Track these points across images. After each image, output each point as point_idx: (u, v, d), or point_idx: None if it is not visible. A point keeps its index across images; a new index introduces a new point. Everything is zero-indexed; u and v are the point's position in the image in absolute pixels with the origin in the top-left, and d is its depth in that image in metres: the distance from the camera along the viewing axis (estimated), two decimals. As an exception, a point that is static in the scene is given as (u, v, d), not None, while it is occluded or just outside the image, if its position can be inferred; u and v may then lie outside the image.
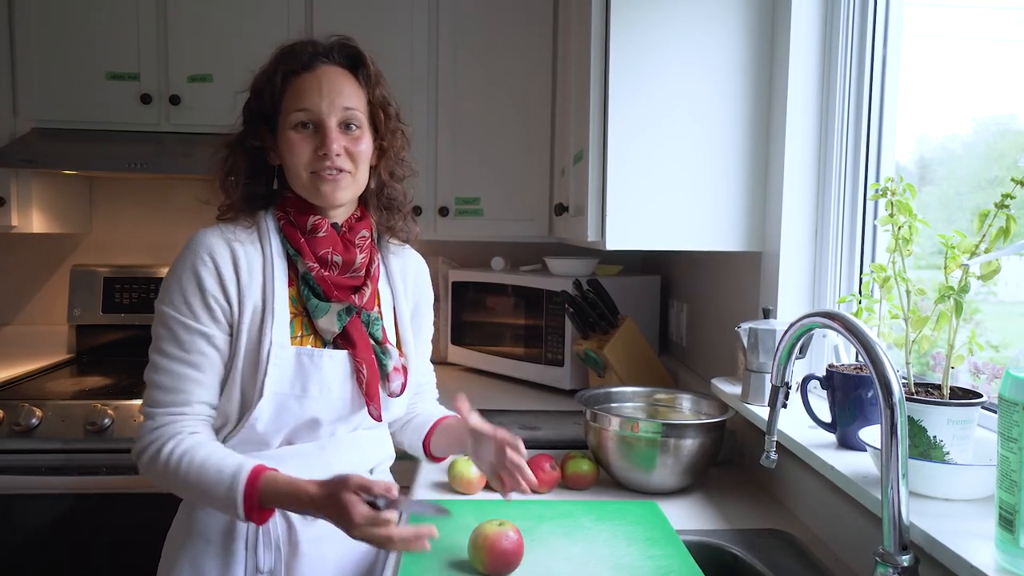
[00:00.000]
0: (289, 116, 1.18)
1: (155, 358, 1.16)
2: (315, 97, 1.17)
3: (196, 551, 1.20)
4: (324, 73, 1.18)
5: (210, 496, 1.10)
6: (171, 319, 1.15)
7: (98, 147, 2.32)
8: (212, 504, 1.12)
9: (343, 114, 1.18)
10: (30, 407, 1.99)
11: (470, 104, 2.46)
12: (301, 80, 1.18)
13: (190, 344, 1.15)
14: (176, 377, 1.14)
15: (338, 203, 1.21)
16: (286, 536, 1.20)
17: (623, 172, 1.62)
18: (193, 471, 1.10)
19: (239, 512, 1.08)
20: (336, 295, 1.20)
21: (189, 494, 1.14)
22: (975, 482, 0.99)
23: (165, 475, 1.12)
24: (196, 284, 1.15)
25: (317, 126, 1.17)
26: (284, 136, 1.18)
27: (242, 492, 1.07)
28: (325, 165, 1.17)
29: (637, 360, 2.05)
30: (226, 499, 1.08)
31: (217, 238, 1.18)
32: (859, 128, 1.46)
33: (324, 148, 1.16)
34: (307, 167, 1.18)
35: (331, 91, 1.17)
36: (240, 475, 1.08)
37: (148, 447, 1.14)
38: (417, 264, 1.40)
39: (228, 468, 1.09)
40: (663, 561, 1.14)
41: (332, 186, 1.18)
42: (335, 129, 1.17)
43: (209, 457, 1.11)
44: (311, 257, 1.20)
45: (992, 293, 1.03)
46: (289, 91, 1.18)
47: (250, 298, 1.17)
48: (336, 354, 1.20)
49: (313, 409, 1.19)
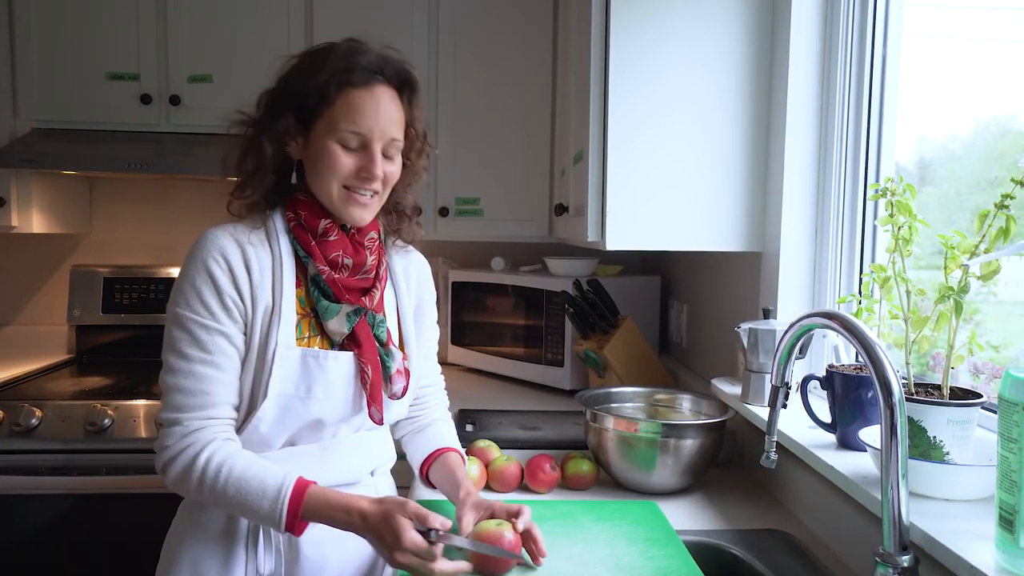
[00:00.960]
0: (337, 129, 1.15)
1: (174, 361, 1.13)
2: (369, 120, 1.15)
3: (196, 553, 1.19)
4: (379, 95, 1.17)
5: (250, 508, 1.08)
6: (189, 320, 1.13)
7: (98, 147, 2.32)
8: (249, 515, 1.10)
9: (388, 143, 1.19)
10: (30, 407, 1.99)
11: (470, 104, 2.46)
12: (356, 96, 1.15)
13: (211, 344, 1.13)
14: (200, 379, 1.12)
15: (362, 224, 1.22)
16: (287, 539, 1.20)
17: (623, 172, 1.62)
18: (232, 482, 1.08)
19: (280, 524, 1.07)
20: (347, 298, 1.20)
21: (224, 505, 1.11)
22: (975, 482, 0.99)
23: (200, 485, 1.09)
24: (212, 284, 1.14)
25: (363, 147, 1.17)
26: (323, 143, 1.16)
27: (287, 505, 1.07)
28: (362, 188, 1.18)
29: (637, 360, 2.05)
30: (269, 511, 1.07)
31: (227, 238, 1.17)
32: (859, 128, 1.46)
33: (367, 172, 1.17)
34: (342, 181, 1.17)
35: (384, 118, 1.17)
36: (285, 488, 1.08)
37: (180, 455, 1.11)
38: (420, 264, 1.40)
39: (272, 480, 1.08)
40: (663, 561, 1.14)
41: (361, 209, 1.19)
42: (379, 154, 1.18)
43: (249, 468, 1.10)
44: (322, 260, 1.19)
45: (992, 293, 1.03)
46: (341, 103, 1.15)
47: (262, 298, 1.16)
48: (341, 356, 1.20)
49: (317, 411, 1.19)
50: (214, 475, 1.09)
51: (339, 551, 1.23)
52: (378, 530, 1.04)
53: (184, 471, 1.10)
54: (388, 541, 1.03)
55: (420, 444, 1.38)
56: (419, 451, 1.37)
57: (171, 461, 1.11)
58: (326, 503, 1.08)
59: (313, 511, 1.08)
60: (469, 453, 1.54)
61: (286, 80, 1.20)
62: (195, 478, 1.10)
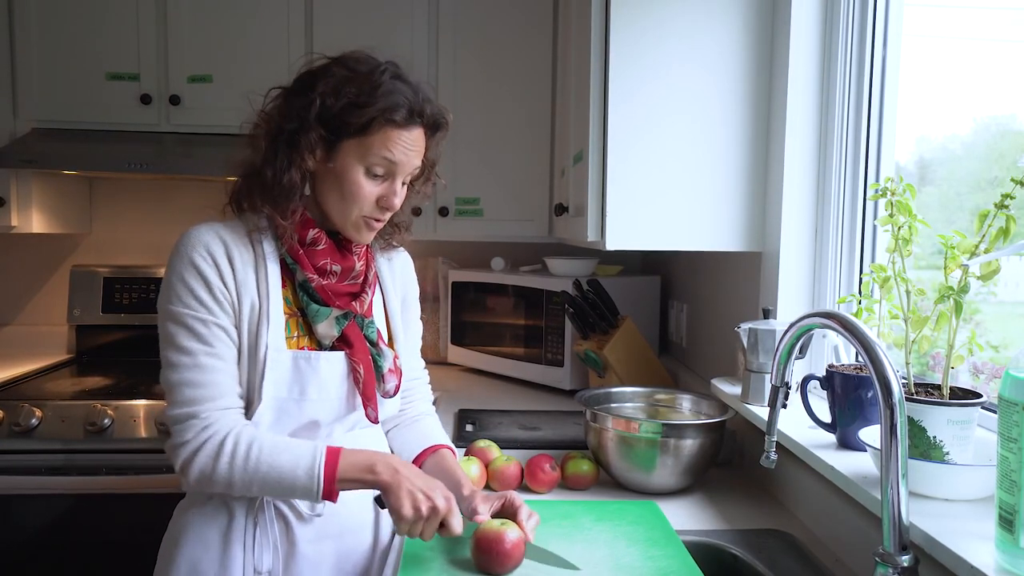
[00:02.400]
0: (368, 157, 1.15)
1: (177, 358, 1.12)
2: (401, 156, 1.17)
3: (194, 551, 1.19)
4: (415, 136, 1.18)
5: (285, 482, 1.09)
6: (184, 316, 1.13)
7: (98, 147, 2.32)
8: (284, 489, 1.10)
9: (409, 174, 1.21)
10: (30, 407, 1.99)
11: (470, 104, 2.46)
12: (396, 133, 1.15)
13: (210, 336, 1.13)
14: (206, 370, 1.12)
15: (366, 243, 1.25)
16: (284, 536, 1.20)
17: (623, 172, 1.62)
18: (265, 459, 1.09)
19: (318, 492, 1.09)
20: (336, 303, 1.21)
21: (257, 484, 1.10)
22: (975, 482, 0.99)
23: (231, 469, 1.09)
24: (200, 278, 1.14)
25: (387, 177, 1.19)
26: (351, 169, 1.16)
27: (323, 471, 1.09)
28: (379, 216, 1.20)
29: (637, 360, 2.05)
30: (306, 481, 1.09)
31: (210, 234, 1.17)
32: (859, 128, 1.46)
33: (387, 203, 1.19)
34: (362, 210, 1.19)
35: (415, 155, 1.19)
36: (319, 455, 1.10)
37: (204, 445, 1.09)
38: (402, 259, 1.41)
39: (304, 451, 1.10)
40: (663, 561, 1.14)
41: (370, 233, 1.22)
42: (400, 186, 1.20)
43: (278, 443, 1.11)
44: (310, 268, 1.20)
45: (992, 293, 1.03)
46: (379, 136, 1.15)
47: (247, 294, 1.16)
48: (333, 356, 1.20)
49: (312, 411, 1.19)
50: (244, 455, 1.09)
51: (336, 548, 1.23)
52: (426, 477, 1.11)
53: (211, 460, 1.09)
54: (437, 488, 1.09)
55: (409, 439, 1.39)
56: (409, 446, 1.38)
57: (195, 453, 1.10)
58: (360, 452, 1.12)
59: (350, 465, 1.10)
60: (469, 453, 1.54)
61: (322, 94, 1.14)
62: (224, 463, 1.09)
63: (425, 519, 1.07)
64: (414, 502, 1.06)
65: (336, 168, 1.17)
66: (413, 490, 1.07)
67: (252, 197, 1.18)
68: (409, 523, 1.07)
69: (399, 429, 1.42)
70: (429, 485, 1.09)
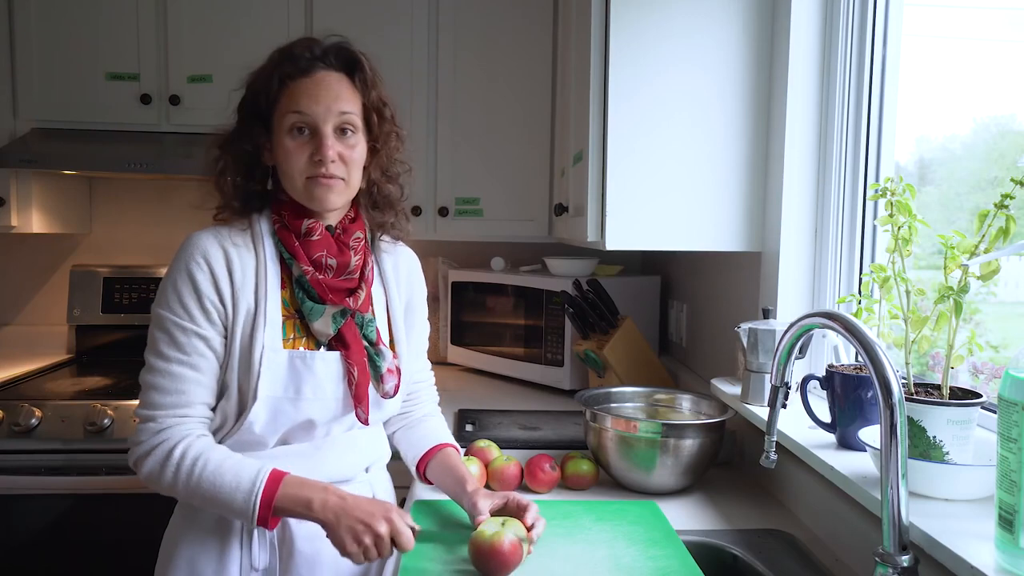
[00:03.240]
0: (284, 119, 1.17)
1: (153, 360, 1.15)
2: (311, 103, 1.16)
3: (192, 549, 1.20)
4: (321, 79, 1.18)
5: (223, 501, 1.09)
6: (168, 321, 1.15)
7: (98, 147, 2.32)
8: (222, 507, 1.11)
9: (338, 119, 1.18)
10: (30, 407, 1.99)
11: (470, 104, 2.46)
12: (298, 84, 1.17)
13: (188, 346, 1.14)
14: (176, 378, 1.14)
15: (331, 208, 1.22)
16: (280, 535, 1.21)
17: (623, 172, 1.62)
18: (208, 475, 1.10)
19: (252, 517, 1.09)
20: (331, 299, 1.20)
21: (198, 498, 1.12)
22: (975, 482, 0.99)
23: (175, 479, 1.11)
24: (191, 286, 1.15)
25: (313, 132, 1.17)
26: (279, 140, 1.18)
27: (260, 496, 1.08)
28: (320, 172, 1.17)
29: (637, 360, 2.05)
30: (243, 504, 1.08)
31: (211, 240, 1.18)
32: (859, 128, 1.46)
33: (319, 154, 1.16)
34: (302, 173, 1.18)
35: (327, 97, 1.17)
36: (260, 479, 1.09)
37: (154, 450, 1.12)
38: (409, 260, 1.40)
39: (246, 473, 1.10)
40: (663, 561, 1.14)
41: (325, 191, 1.18)
42: (331, 135, 1.17)
43: (224, 461, 1.11)
44: (305, 261, 1.20)
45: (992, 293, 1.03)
46: (285, 95, 1.17)
47: (243, 300, 1.17)
48: (328, 356, 1.20)
49: (308, 411, 1.20)
50: (189, 468, 1.10)
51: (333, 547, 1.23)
52: (365, 505, 1.08)
53: (158, 465, 1.12)
54: (376, 514, 1.07)
55: (413, 440, 1.39)
56: (413, 448, 1.38)
57: (145, 456, 1.13)
58: (302, 483, 1.11)
59: (287, 497, 1.09)
60: (469, 453, 1.54)
61: (246, 89, 1.22)
62: (170, 472, 1.11)
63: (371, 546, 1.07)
64: (355, 536, 1.06)
65: (275, 149, 1.20)
66: (352, 524, 1.07)
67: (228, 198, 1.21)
68: (356, 555, 1.07)
69: (404, 430, 1.42)
70: (369, 512, 1.08)
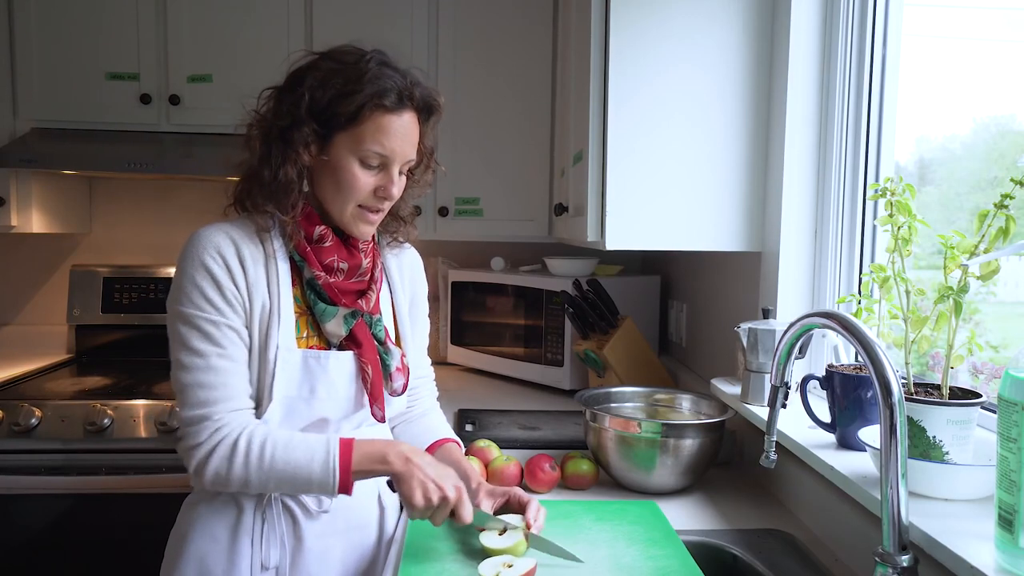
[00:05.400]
0: (362, 147, 1.14)
1: (189, 359, 1.12)
2: (394, 143, 1.16)
3: (202, 548, 1.20)
4: (407, 120, 1.17)
5: (301, 476, 1.10)
6: (196, 318, 1.12)
7: (98, 147, 2.32)
8: (300, 484, 1.11)
9: (405, 163, 1.20)
10: (30, 407, 1.99)
11: (470, 104, 2.46)
12: (387, 121, 1.15)
13: (222, 338, 1.13)
14: (218, 372, 1.12)
15: (367, 238, 1.24)
16: (291, 532, 1.21)
17: (623, 172, 1.62)
18: (280, 455, 1.10)
19: (334, 485, 1.10)
20: (343, 301, 1.21)
21: (274, 480, 1.11)
22: (975, 482, 0.99)
23: (246, 467, 1.10)
24: (211, 280, 1.14)
25: (382, 167, 1.18)
26: (345, 161, 1.15)
27: (338, 462, 1.09)
28: (376, 207, 1.19)
29: (637, 360, 2.05)
30: (322, 473, 1.09)
31: (220, 235, 1.17)
32: (859, 128, 1.46)
33: (385, 192, 1.18)
34: (360, 202, 1.18)
35: (407, 142, 1.18)
36: (332, 447, 1.11)
37: (218, 445, 1.10)
38: (412, 258, 1.41)
39: (318, 445, 1.11)
40: (663, 561, 1.14)
41: (370, 227, 1.21)
42: (397, 175, 1.19)
43: (292, 439, 1.12)
44: (317, 265, 1.19)
45: (992, 293, 1.03)
46: (370, 124, 1.14)
47: (258, 295, 1.16)
48: (342, 355, 1.21)
49: (321, 410, 1.20)
50: (259, 452, 1.10)
51: (342, 543, 1.25)
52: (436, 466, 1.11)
53: (225, 460, 1.10)
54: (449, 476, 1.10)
55: (415, 434, 1.40)
56: (415, 442, 1.38)
57: (209, 454, 1.10)
58: (371, 443, 1.13)
59: (363, 456, 1.11)
60: (469, 453, 1.54)
61: (311, 87, 1.14)
62: (239, 462, 1.10)
63: (436, 507, 1.08)
64: (425, 491, 1.07)
65: (331, 161, 1.16)
66: (424, 479, 1.08)
67: (253, 197, 1.18)
68: (420, 511, 1.08)
69: (405, 425, 1.43)
70: (440, 474, 1.10)
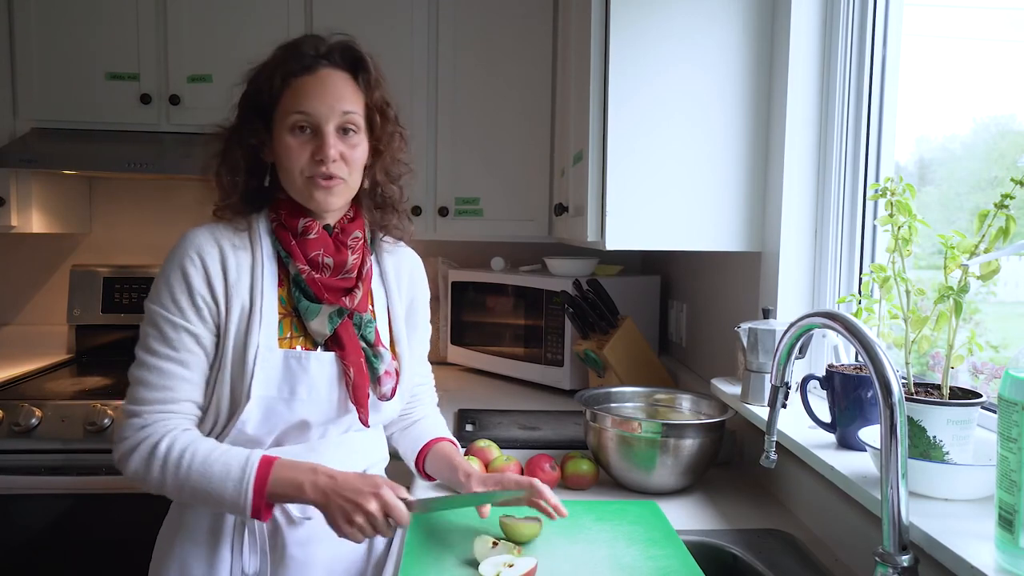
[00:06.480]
0: (287, 118, 1.16)
1: (142, 356, 1.15)
2: (314, 101, 1.15)
3: (184, 551, 1.19)
4: (325, 76, 1.17)
5: (214, 493, 1.07)
6: (159, 317, 1.14)
7: (98, 147, 2.32)
8: (213, 501, 1.08)
9: (341, 119, 1.17)
10: (30, 407, 1.99)
11: (470, 104, 2.46)
12: (301, 82, 1.16)
13: (178, 342, 1.13)
14: (164, 375, 1.13)
15: (330, 209, 1.20)
16: (272, 539, 1.19)
17: (623, 172, 1.62)
18: (196, 467, 1.07)
19: (246, 507, 1.06)
20: (327, 298, 1.19)
21: (187, 492, 1.09)
22: (975, 482, 0.99)
23: (163, 473, 1.08)
24: (184, 283, 1.14)
25: (315, 131, 1.16)
26: (280, 137, 1.17)
27: (252, 483, 1.06)
28: (320, 171, 1.15)
29: (637, 360, 2.05)
30: (234, 493, 1.06)
31: (206, 237, 1.17)
32: (859, 128, 1.46)
33: (321, 154, 1.15)
34: (303, 172, 1.16)
35: (330, 96, 1.16)
36: (250, 465, 1.08)
37: (139, 445, 1.10)
38: (412, 262, 1.38)
39: (235, 460, 1.08)
40: (663, 561, 1.14)
41: (325, 193, 1.17)
42: (332, 134, 1.16)
43: (212, 451, 1.09)
44: (302, 259, 1.19)
45: (992, 293, 1.03)
46: (288, 92, 1.16)
47: (237, 298, 1.16)
48: (324, 356, 1.19)
49: (302, 411, 1.18)
50: (176, 461, 1.08)
51: (326, 551, 1.22)
52: (353, 483, 1.06)
53: (144, 461, 1.10)
54: (364, 491, 1.05)
55: (411, 440, 1.39)
56: (411, 447, 1.38)
57: (130, 452, 1.11)
58: (292, 465, 1.09)
59: (278, 481, 1.07)
60: (469, 453, 1.54)
61: (247, 83, 1.21)
62: (157, 466, 1.09)
63: (364, 525, 1.06)
64: (345, 516, 1.06)
65: (275, 148, 1.18)
66: (341, 504, 1.06)
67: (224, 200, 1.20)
68: (350, 535, 1.07)
69: (402, 431, 1.42)
70: (356, 489, 1.06)
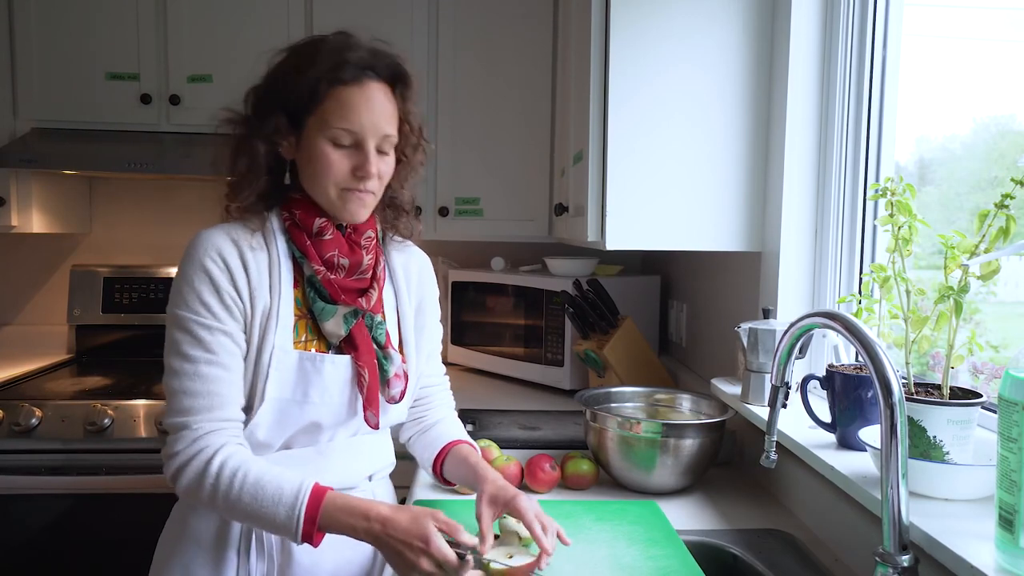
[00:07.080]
0: (328, 129, 1.13)
1: (178, 364, 1.10)
2: (362, 118, 1.13)
3: (187, 555, 1.17)
4: (371, 91, 1.14)
5: (265, 516, 1.04)
6: (190, 321, 1.10)
7: (98, 147, 2.32)
8: (264, 523, 1.06)
9: (381, 139, 1.16)
10: (30, 407, 1.99)
11: (470, 104, 2.46)
12: (347, 94, 1.13)
13: (215, 344, 1.10)
14: (207, 380, 1.09)
15: (361, 220, 1.19)
16: (279, 544, 1.18)
17: (623, 172, 1.62)
18: (248, 489, 1.04)
19: (297, 533, 1.04)
20: (343, 299, 1.18)
21: (238, 512, 1.06)
22: (975, 482, 0.99)
23: (214, 492, 1.05)
24: (210, 283, 1.11)
25: (357, 146, 1.14)
26: (316, 144, 1.14)
27: (304, 512, 1.03)
28: (358, 187, 1.15)
29: (637, 360, 2.05)
30: (286, 519, 1.03)
31: (223, 237, 1.15)
32: (859, 128, 1.46)
33: (363, 171, 1.14)
34: (339, 184, 1.15)
35: (376, 114, 1.14)
36: (303, 493, 1.04)
37: (192, 460, 1.07)
38: (420, 261, 1.37)
39: (288, 486, 1.05)
40: (663, 561, 1.14)
41: (359, 205, 1.17)
42: (374, 153, 1.15)
43: (265, 474, 1.06)
44: (317, 260, 1.17)
45: (992, 293, 1.03)
46: (331, 101, 1.13)
47: (260, 298, 1.14)
48: (339, 359, 1.17)
49: (314, 414, 1.17)
50: (228, 481, 1.05)
51: (333, 557, 1.20)
52: (403, 534, 1.01)
53: (197, 477, 1.06)
54: (414, 546, 1.00)
55: (429, 444, 1.35)
56: (429, 451, 1.35)
57: (183, 467, 1.07)
58: (345, 507, 1.05)
59: (330, 517, 1.04)
60: (469, 453, 1.53)
61: (274, 78, 1.17)
62: (208, 484, 1.06)
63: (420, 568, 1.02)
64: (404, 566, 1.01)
65: (306, 149, 1.15)
66: (394, 556, 1.02)
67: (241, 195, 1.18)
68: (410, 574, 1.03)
69: (419, 435, 1.38)
70: (406, 543, 1.01)
